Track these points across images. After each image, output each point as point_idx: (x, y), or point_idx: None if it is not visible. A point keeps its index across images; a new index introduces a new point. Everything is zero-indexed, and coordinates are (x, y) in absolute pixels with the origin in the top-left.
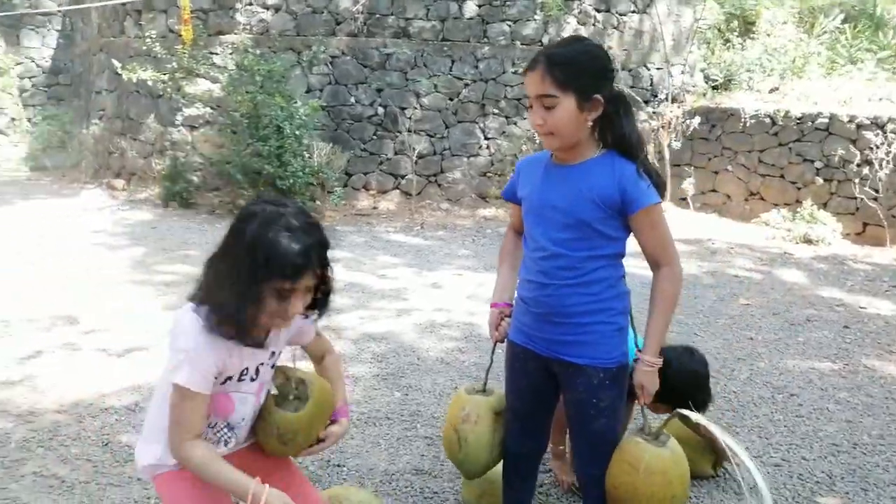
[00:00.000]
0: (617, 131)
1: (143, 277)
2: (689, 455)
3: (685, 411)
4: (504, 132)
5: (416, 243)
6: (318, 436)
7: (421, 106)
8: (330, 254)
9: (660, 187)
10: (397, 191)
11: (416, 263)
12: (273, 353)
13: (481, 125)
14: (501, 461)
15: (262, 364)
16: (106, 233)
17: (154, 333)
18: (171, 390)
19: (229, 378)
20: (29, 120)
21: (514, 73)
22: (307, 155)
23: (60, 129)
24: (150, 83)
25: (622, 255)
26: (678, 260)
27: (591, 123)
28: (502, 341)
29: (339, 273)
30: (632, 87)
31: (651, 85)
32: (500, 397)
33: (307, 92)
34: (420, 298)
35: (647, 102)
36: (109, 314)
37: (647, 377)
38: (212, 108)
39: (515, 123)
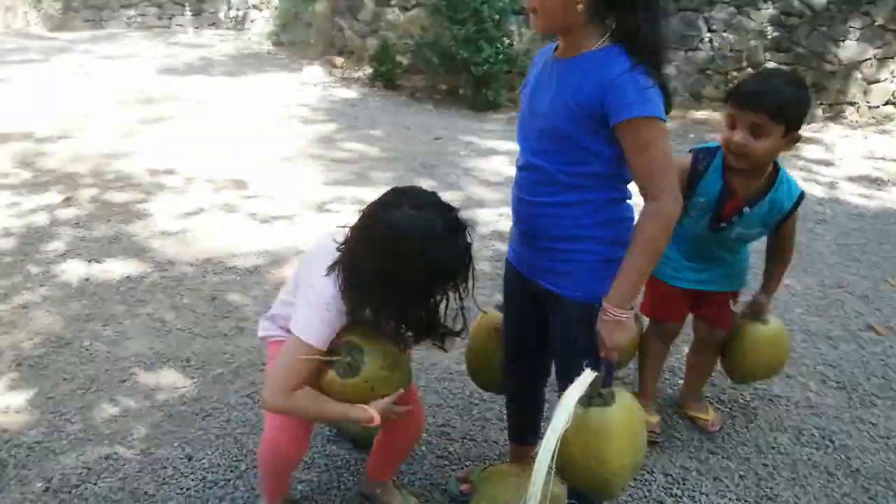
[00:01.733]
0: (628, 23)
1: (321, 152)
2: None
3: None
4: (732, 24)
5: None
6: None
7: None
8: (507, 146)
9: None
10: None
11: None
12: None
13: (706, 14)
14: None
15: None
16: (309, 107)
17: (302, 205)
18: (291, 343)
19: None
20: None
21: None
22: (507, 41)
23: (296, 7)
24: None
25: (617, 175)
26: (673, 194)
27: (581, 7)
28: None
29: (501, 165)
30: None
31: None
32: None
33: None
34: None
35: None
36: (274, 182)
37: (606, 327)
38: None
39: (748, 15)
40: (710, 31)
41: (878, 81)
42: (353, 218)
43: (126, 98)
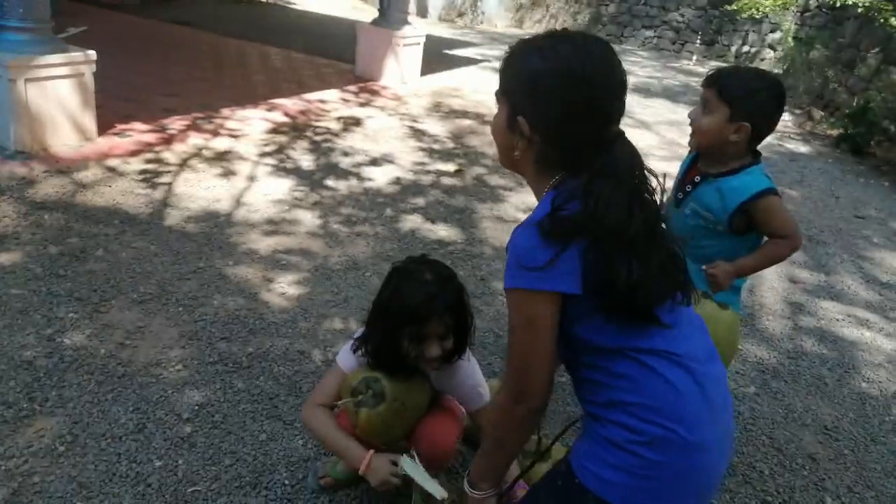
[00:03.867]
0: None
1: None
2: None
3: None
4: None
5: None
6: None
7: None
8: None
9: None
10: None
11: None
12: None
13: None
14: None
15: None
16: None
17: None
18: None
19: None
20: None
21: None
22: None
23: (803, 52)
24: (860, 9)
25: (595, 353)
26: (514, 392)
27: (517, 154)
28: None
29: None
30: None
31: None
32: None
33: None
34: None
35: None
36: None
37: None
38: None
39: None
40: None
41: None
42: None
43: None
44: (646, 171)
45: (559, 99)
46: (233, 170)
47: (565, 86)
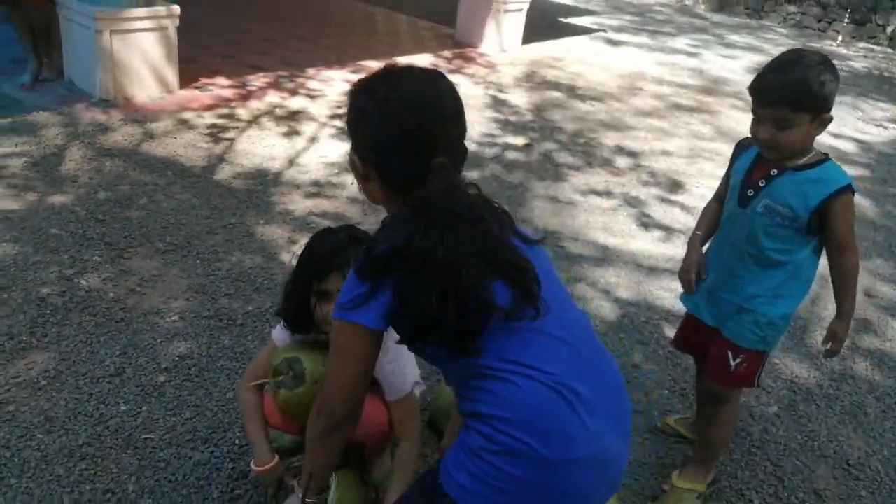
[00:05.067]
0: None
1: None
2: None
3: None
4: None
5: None
6: None
7: None
8: None
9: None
10: None
11: None
12: None
13: None
14: None
15: None
16: (857, 143)
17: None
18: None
19: None
20: None
21: None
22: None
23: None
24: None
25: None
26: (326, 408)
27: (360, 188)
28: None
29: None
30: None
31: None
32: None
33: None
34: None
35: None
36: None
37: None
38: None
39: None
40: None
41: None
42: None
43: (691, 83)
44: (475, 200)
45: (375, 137)
46: (298, 130)
47: (379, 124)
